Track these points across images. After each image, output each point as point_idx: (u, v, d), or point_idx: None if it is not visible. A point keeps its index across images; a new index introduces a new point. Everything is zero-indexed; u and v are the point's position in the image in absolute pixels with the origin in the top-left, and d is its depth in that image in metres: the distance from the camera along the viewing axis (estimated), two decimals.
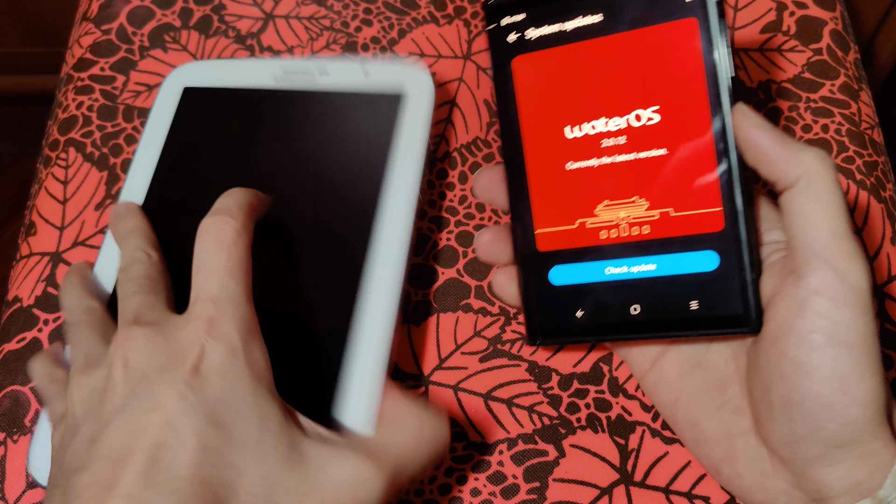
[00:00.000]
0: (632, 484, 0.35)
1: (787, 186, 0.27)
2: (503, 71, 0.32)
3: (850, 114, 0.42)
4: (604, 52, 0.31)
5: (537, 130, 0.32)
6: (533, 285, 0.32)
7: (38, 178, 0.43)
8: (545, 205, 0.32)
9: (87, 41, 0.45)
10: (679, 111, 0.30)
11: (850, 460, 0.27)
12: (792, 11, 0.45)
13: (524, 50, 0.32)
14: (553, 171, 0.32)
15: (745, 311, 0.29)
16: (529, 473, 0.35)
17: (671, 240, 0.30)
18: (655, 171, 0.30)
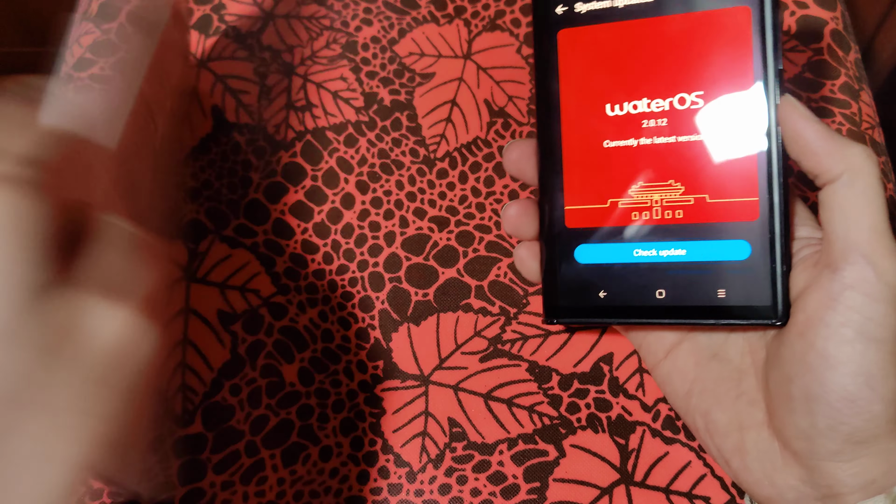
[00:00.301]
0: (632, 484, 0.35)
1: (829, 180, 0.28)
2: (547, 43, 0.32)
3: (851, 114, 0.42)
4: (653, 33, 0.31)
5: (577, 106, 0.32)
6: (557, 262, 0.32)
7: None
8: (577, 182, 0.32)
9: (87, 41, 0.45)
10: (723, 98, 0.30)
11: (867, 457, 0.27)
12: (792, 11, 0.45)
13: (572, 24, 0.32)
14: (589, 148, 0.32)
15: (773, 303, 0.29)
16: (529, 473, 0.35)
17: (704, 226, 0.30)
18: (694, 156, 0.30)
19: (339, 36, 0.45)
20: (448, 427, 0.36)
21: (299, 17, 0.46)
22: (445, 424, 0.36)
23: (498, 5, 0.46)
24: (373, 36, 0.45)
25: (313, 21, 0.46)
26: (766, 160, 0.29)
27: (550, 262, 0.32)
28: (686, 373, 0.32)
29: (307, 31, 0.45)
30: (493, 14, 0.45)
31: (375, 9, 0.46)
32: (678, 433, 0.36)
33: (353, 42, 0.45)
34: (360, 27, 0.45)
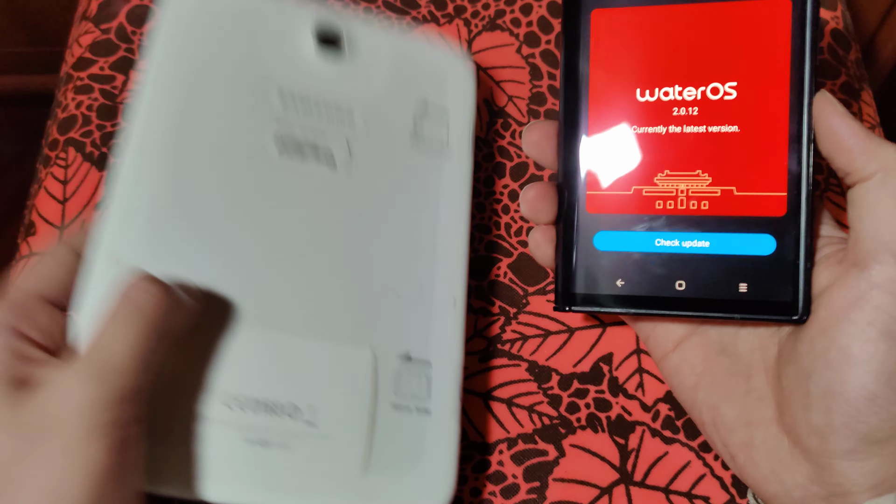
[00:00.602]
0: (632, 484, 0.35)
1: (861, 179, 0.28)
2: (579, 22, 0.31)
3: (851, 113, 0.42)
4: (689, 20, 0.30)
5: (606, 89, 0.31)
6: (575, 248, 0.32)
7: (38, 178, 0.43)
8: (601, 166, 0.31)
9: (87, 40, 0.45)
10: (758, 90, 0.30)
11: (880, 457, 0.27)
12: None
13: (606, 4, 0.31)
14: (616, 132, 0.31)
15: (795, 299, 0.29)
16: (529, 473, 0.35)
17: (729, 219, 0.30)
18: (724, 148, 0.30)
19: None
20: None
21: None
22: None
23: (498, 5, 0.46)
24: None
25: None
26: (797, 156, 0.29)
27: (567, 247, 0.32)
28: (694, 366, 0.32)
29: None
30: (492, 14, 0.45)
31: (375, 9, 0.46)
32: (678, 433, 0.36)
33: None
34: None
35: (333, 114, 0.35)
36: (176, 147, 0.33)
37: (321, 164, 0.34)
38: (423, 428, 0.33)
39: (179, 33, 0.35)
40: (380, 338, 0.33)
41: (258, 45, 0.35)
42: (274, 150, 0.34)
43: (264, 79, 0.35)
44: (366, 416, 0.32)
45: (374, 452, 0.31)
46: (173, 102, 0.33)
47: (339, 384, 0.32)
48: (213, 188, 0.33)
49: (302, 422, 0.31)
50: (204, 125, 0.33)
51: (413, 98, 0.37)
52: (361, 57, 0.37)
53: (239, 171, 0.33)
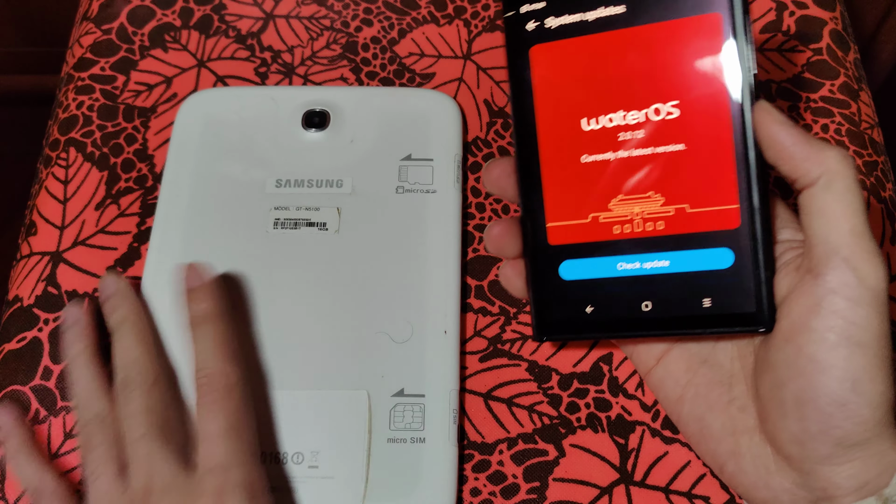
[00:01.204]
0: (632, 483, 0.35)
1: (807, 184, 0.27)
2: (520, 60, 0.32)
3: (850, 113, 0.42)
4: (625, 44, 0.31)
5: (553, 121, 0.32)
6: (542, 280, 0.32)
7: (39, 178, 0.43)
8: (558, 198, 0.32)
9: (88, 41, 0.45)
10: (699, 106, 0.30)
11: (859, 460, 0.27)
12: (792, 11, 0.45)
13: (543, 39, 0.31)
14: (567, 163, 0.32)
15: (759, 309, 0.29)
16: (529, 473, 0.35)
17: (686, 236, 0.30)
18: (672, 167, 0.30)
19: (339, 36, 0.45)
20: None
21: (299, 17, 0.46)
22: None
23: (498, 5, 0.46)
24: (373, 36, 0.45)
25: (313, 21, 0.46)
26: (745, 166, 0.29)
27: (536, 279, 0.32)
28: (678, 378, 0.32)
29: (307, 31, 0.45)
30: (492, 14, 0.45)
31: (375, 9, 0.46)
32: (677, 433, 0.36)
33: (354, 42, 0.45)
34: (361, 27, 0.45)
35: (324, 187, 0.39)
36: (186, 242, 0.38)
37: (313, 230, 0.38)
38: (419, 455, 0.34)
39: (191, 141, 0.40)
40: (374, 380, 0.36)
41: (256, 140, 0.40)
42: (271, 228, 0.38)
43: (263, 172, 0.40)
44: (363, 453, 0.34)
45: (371, 485, 0.34)
46: (184, 203, 0.39)
47: (337, 428, 0.35)
48: (219, 270, 0.37)
49: (306, 466, 0.34)
50: (211, 221, 0.39)
51: (398, 156, 0.40)
52: (347, 128, 0.41)
53: (239, 255, 0.38)
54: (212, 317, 0.34)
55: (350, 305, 0.37)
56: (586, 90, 0.31)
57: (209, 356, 0.33)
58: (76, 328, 0.35)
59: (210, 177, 0.40)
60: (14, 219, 1.09)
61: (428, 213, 0.39)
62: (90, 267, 0.39)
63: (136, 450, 0.31)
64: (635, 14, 0.30)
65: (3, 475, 0.35)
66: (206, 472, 0.30)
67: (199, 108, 0.41)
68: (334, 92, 0.42)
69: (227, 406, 0.32)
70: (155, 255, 0.38)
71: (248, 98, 0.42)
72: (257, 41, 0.45)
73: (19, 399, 0.37)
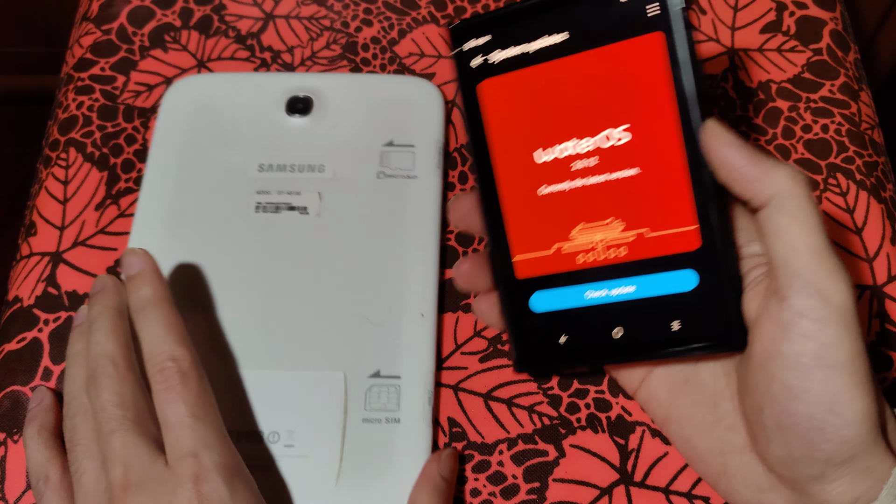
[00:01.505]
0: (632, 484, 0.35)
1: (760, 205, 0.27)
2: (470, 96, 0.31)
3: (850, 114, 0.42)
4: (571, 72, 0.30)
5: (508, 156, 0.31)
6: (514, 313, 0.32)
7: (38, 178, 0.43)
8: (521, 231, 0.32)
9: (88, 41, 0.45)
10: (649, 129, 0.29)
11: (850, 475, 0.27)
12: (792, 11, 0.45)
13: (491, 73, 0.31)
14: (526, 196, 0.31)
15: (728, 328, 0.29)
16: (529, 473, 0.35)
17: (649, 261, 0.30)
18: (629, 192, 0.30)
19: (339, 36, 0.45)
20: (448, 427, 0.36)
21: (299, 17, 0.46)
22: (445, 424, 0.36)
23: (497, 6, 0.46)
24: (373, 36, 0.45)
25: (313, 21, 0.46)
26: (700, 187, 0.29)
27: (509, 313, 0.32)
28: (661, 400, 0.32)
29: (307, 31, 0.45)
30: None
31: (375, 9, 0.46)
32: None
33: (354, 42, 0.45)
34: (360, 27, 0.45)
35: (306, 172, 0.40)
36: (169, 225, 0.39)
37: (294, 214, 0.39)
38: (393, 436, 0.35)
39: (176, 125, 0.41)
40: (351, 361, 0.36)
41: (239, 125, 0.41)
42: (252, 211, 0.39)
43: (246, 156, 0.40)
44: (339, 433, 0.35)
45: (346, 464, 0.34)
46: (168, 186, 0.39)
47: (313, 408, 0.35)
48: (199, 255, 0.38)
49: (281, 445, 0.34)
50: (194, 204, 0.39)
51: (380, 142, 0.40)
52: (330, 114, 0.41)
53: (221, 237, 0.38)
54: (155, 302, 0.33)
55: (329, 288, 0.37)
56: (537, 121, 0.31)
57: (158, 342, 0.32)
58: (80, 329, 0.35)
59: (194, 161, 0.40)
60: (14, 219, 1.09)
61: (408, 198, 0.39)
62: (90, 267, 0.39)
63: (110, 443, 0.30)
64: (578, 41, 0.30)
65: (4, 475, 0.35)
66: (178, 460, 0.30)
67: (185, 93, 0.42)
68: (318, 78, 0.42)
69: (184, 392, 0.31)
70: (138, 237, 0.38)
71: (233, 84, 0.42)
72: (257, 41, 0.45)
73: (18, 400, 0.37)
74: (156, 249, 0.36)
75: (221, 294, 0.37)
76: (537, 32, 0.30)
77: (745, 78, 0.43)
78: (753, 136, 0.42)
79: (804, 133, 0.42)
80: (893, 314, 0.38)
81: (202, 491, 0.29)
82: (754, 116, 0.42)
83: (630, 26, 0.29)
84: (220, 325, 0.37)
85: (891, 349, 0.37)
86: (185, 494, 0.29)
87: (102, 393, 0.31)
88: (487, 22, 0.31)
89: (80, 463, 0.31)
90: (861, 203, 0.40)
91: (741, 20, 0.45)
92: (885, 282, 0.38)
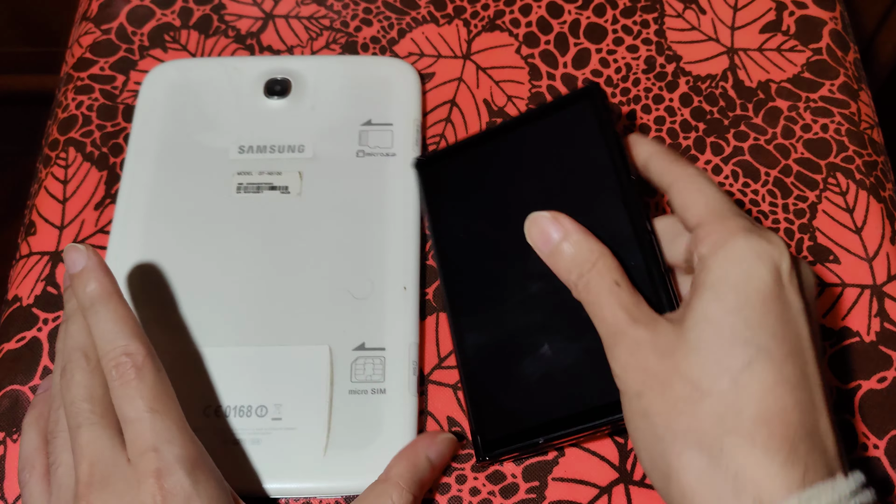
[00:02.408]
0: (631, 483, 0.35)
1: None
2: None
3: (850, 113, 0.42)
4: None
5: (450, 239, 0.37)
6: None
7: (38, 178, 0.43)
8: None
9: (87, 41, 0.46)
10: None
11: None
12: (791, 11, 0.45)
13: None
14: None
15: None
16: (529, 473, 0.35)
17: None
18: None
19: (339, 36, 0.45)
20: (447, 426, 0.36)
21: (299, 17, 0.46)
22: (445, 424, 0.36)
23: (497, 5, 0.46)
24: (372, 36, 0.45)
25: (313, 21, 0.46)
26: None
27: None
28: None
29: (307, 31, 0.45)
30: (492, 14, 0.45)
31: (375, 9, 0.46)
32: None
33: (353, 42, 0.45)
34: (360, 27, 0.45)
35: (286, 153, 0.40)
36: (152, 208, 0.39)
37: (276, 193, 0.39)
38: (379, 406, 0.35)
39: (155, 109, 0.41)
40: (336, 334, 0.37)
41: (219, 108, 0.41)
42: (234, 192, 0.39)
43: (226, 138, 0.41)
44: (325, 405, 0.35)
45: (333, 434, 0.35)
46: (150, 170, 0.40)
47: (300, 381, 0.36)
48: (182, 237, 0.38)
49: (269, 419, 0.35)
50: (176, 187, 0.40)
51: (358, 121, 0.41)
52: (308, 95, 0.42)
53: (203, 218, 0.39)
54: (103, 297, 0.32)
55: (313, 265, 0.38)
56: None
57: (111, 338, 0.31)
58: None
59: (175, 144, 0.40)
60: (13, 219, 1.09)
61: (388, 174, 0.40)
62: None
63: (77, 438, 0.30)
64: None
65: (3, 475, 0.35)
66: (139, 456, 0.29)
67: (165, 77, 0.42)
68: (295, 61, 0.43)
69: (140, 387, 0.30)
70: (121, 222, 0.39)
71: (212, 68, 0.43)
72: (257, 41, 0.45)
73: (18, 399, 0.37)
74: (139, 234, 0.38)
75: (207, 274, 0.38)
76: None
77: (745, 77, 0.43)
78: (753, 135, 0.42)
79: (804, 133, 0.42)
80: (893, 314, 0.38)
81: (165, 486, 0.29)
82: (754, 116, 0.42)
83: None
84: (207, 305, 0.37)
85: (891, 349, 0.37)
86: (147, 491, 0.29)
87: (72, 387, 0.31)
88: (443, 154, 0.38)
89: (58, 455, 0.31)
90: (861, 202, 0.40)
91: (741, 20, 0.45)
92: (885, 281, 0.38)
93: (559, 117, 0.35)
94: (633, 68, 0.44)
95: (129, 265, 0.38)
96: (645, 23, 0.45)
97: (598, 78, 0.44)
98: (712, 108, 0.43)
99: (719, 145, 0.42)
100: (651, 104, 0.43)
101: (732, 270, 0.28)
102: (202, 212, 0.39)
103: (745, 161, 0.41)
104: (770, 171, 0.41)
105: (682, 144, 0.42)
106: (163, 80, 0.42)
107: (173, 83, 0.42)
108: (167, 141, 0.41)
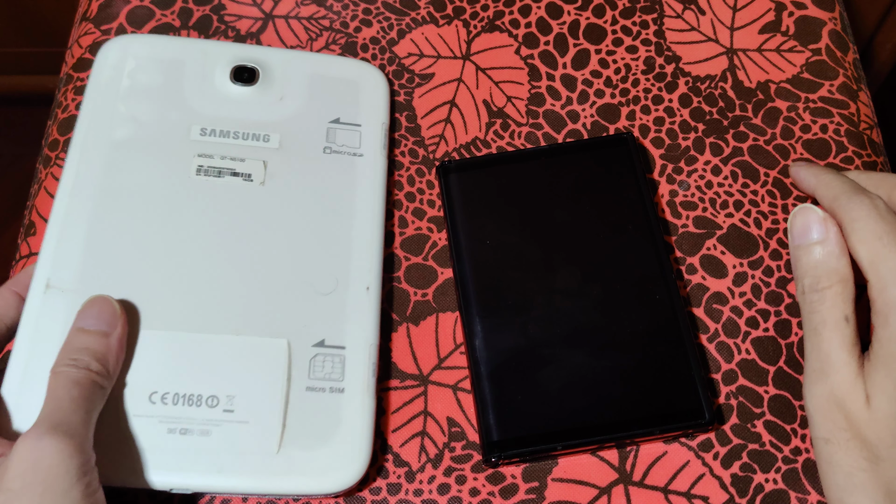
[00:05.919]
0: (631, 483, 0.35)
1: None
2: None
3: (849, 114, 0.42)
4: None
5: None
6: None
7: (38, 178, 0.43)
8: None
9: (87, 41, 0.46)
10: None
11: None
12: (791, 12, 0.45)
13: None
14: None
15: (698, 405, 0.34)
16: (528, 473, 0.35)
17: None
18: None
19: (338, 36, 0.45)
20: (447, 427, 0.36)
21: (298, 17, 0.46)
22: (444, 424, 0.36)
23: (497, 6, 0.46)
24: (372, 37, 0.45)
25: (313, 21, 0.46)
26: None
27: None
28: None
29: (306, 31, 0.45)
30: (491, 15, 0.45)
31: (375, 10, 0.46)
32: None
33: (353, 43, 0.45)
34: (360, 28, 0.45)
35: (251, 140, 0.39)
36: (103, 184, 0.37)
37: (238, 180, 0.38)
38: (336, 405, 0.35)
39: (112, 82, 0.40)
40: (295, 329, 0.36)
41: (181, 88, 0.40)
42: (193, 174, 0.38)
43: (187, 119, 0.39)
44: (281, 400, 0.34)
45: (288, 432, 0.34)
46: (103, 146, 0.38)
47: (255, 374, 0.35)
48: (137, 215, 0.37)
49: (220, 410, 0.34)
50: (131, 162, 0.38)
51: (326, 118, 0.41)
52: (276, 85, 0.41)
53: (160, 198, 0.37)
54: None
55: (274, 255, 0.37)
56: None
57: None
58: None
59: (130, 119, 0.39)
60: (13, 219, 1.09)
61: (355, 174, 0.40)
62: None
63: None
64: None
65: None
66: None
67: (124, 49, 0.41)
68: (264, 51, 0.42)
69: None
70: (67, 194, 0.37)
71: (177, 47, 0.41)
72: (256, 41, 0.45)
73: None
74: (89, 213, 0.36)
75: (162, 254, 0.36)
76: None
77: (744, 78, 0.43)
78: (752, 136, 0.42)
79: (803, 133, 0.42)
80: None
81: None
82: (753, 117, 0.42)
83: None
84: (159, 286, 0.36)
85: None
86: None
87: None
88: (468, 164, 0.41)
89: None
90: None
91: (740, 20, 0.45)
92: None
93: (595, 154, 0.39)
94: (632, 69, 0.44)
95: (79, 241, 0.36)
96: (644, 23, 0.45)
97: (598, 78, 0.44)
98: (711, 108, 0.43)
99: (719, 146, 0.42)
100: (650, 105, 0.43)
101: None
102: (158, 191, 0.38)
103: (745, 161, 0.41)
104: (769, 171, 0.41)
105: (682, 145, 0.42)
106: (122, 51, 0.41)
107: (135, 55, 0.40)
108: (122, 114, 0.39)
